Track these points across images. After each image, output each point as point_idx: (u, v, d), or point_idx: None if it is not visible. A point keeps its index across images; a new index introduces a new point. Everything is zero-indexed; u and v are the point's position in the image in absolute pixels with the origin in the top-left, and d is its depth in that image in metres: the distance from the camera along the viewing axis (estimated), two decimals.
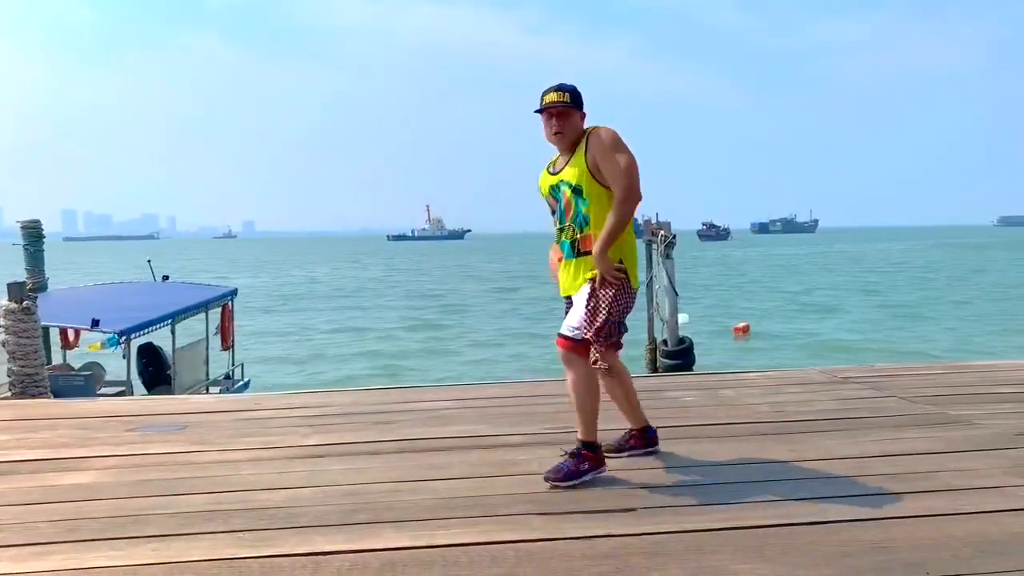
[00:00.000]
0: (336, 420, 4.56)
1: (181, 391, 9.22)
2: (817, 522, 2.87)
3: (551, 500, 3.15)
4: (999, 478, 3.34)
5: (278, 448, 3.97)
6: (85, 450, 4.00)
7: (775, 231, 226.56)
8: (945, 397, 4.88)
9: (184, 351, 9.62)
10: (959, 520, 2.88)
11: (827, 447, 3.84)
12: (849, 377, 5.57)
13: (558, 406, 4.80)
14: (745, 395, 5.08)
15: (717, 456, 3.71)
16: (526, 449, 3.89)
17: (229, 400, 5.26)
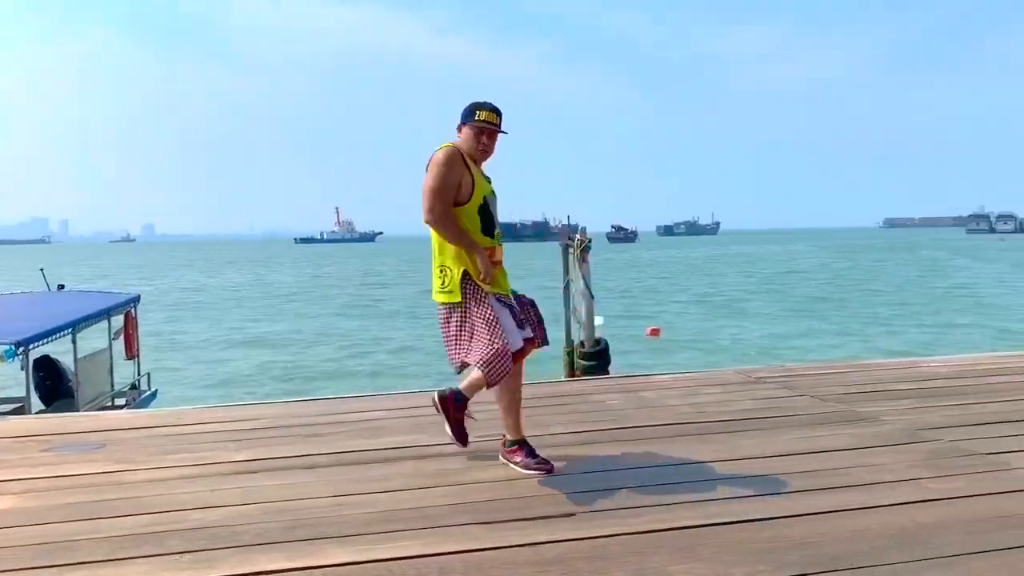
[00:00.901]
0: (265, 434, 4.47)
1: (85, 404, 8.83)
2: (745, 520, 3.02)
3: (491, 509, 3.20)
4: (908, 472, 3.59)
5: (208, 465, 3.87)
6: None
7: (679, 233, 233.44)
8: (852, 395, 5.18)
9: (87, 362, 9.21)
10: (874, 513, 3.08)
11: (747, 447, 4.03)
12: (762, 377, 5.83)
13: (488, 414, 4.86)
14: (666, 396, 5.26)
15: (647, 458, 3.84)
16: (461, 458, 3.93)
17: (148, 415, 5.07)
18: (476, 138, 3.63)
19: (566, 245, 15.30)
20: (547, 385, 5.83)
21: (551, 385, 5.85)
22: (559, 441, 4.20)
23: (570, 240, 15.23)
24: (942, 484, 3.42)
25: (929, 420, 4.49)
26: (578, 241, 15.18)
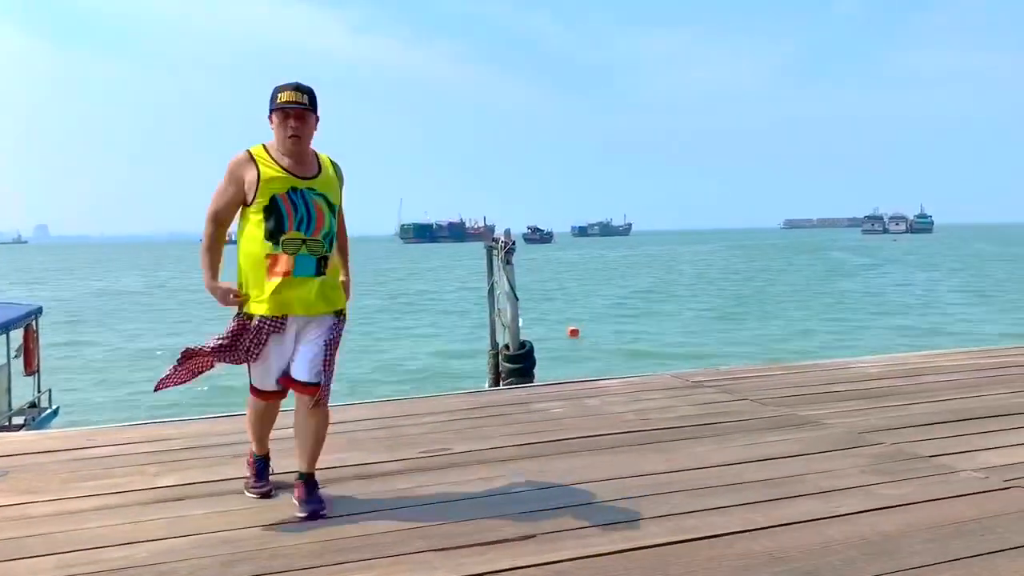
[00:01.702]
0: (187, 455, 4.13)
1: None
2: (713, 536, 2.92)
3: (445, 533, 2.99)
4: (859, 477, 3.58)
5: (126, 492, 3.53)
6: None
7: (593, 234, 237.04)
8: (790, 398, 5.20)
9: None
10: (837, 523, 3.04)
11: (699, 455, 3.96)
12: (700, 381, 5.81)
13: (426, 427, 4.67)
14: (609, 403, 5.17)
15: (600, 471, 3.72)
16: (406, 477, 3.71)
17: (55, 436, 4.63)
18: (284, 123, 3.14)
19: (490, 247, 15.22)
20: (484, 394, 5.67)
21: (487, 394, 5.71)
22: (504, 455, 4.03)
23: (494, 242, 15.16)
24: (893, 490, 3.41)
25: (870, 422, 4.53)
26: (502, 243, 15.13)
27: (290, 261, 3.10)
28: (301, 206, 3.12)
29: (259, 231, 3.11)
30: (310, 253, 3.13)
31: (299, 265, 3.11)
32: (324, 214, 3.16)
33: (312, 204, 3.14)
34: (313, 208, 3.14)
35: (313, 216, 3.13)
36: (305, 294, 3.13)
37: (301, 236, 3.10)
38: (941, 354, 7.00)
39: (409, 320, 28.59)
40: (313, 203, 3.14)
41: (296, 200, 3.11)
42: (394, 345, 23.02)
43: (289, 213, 3.10)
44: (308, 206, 3.13)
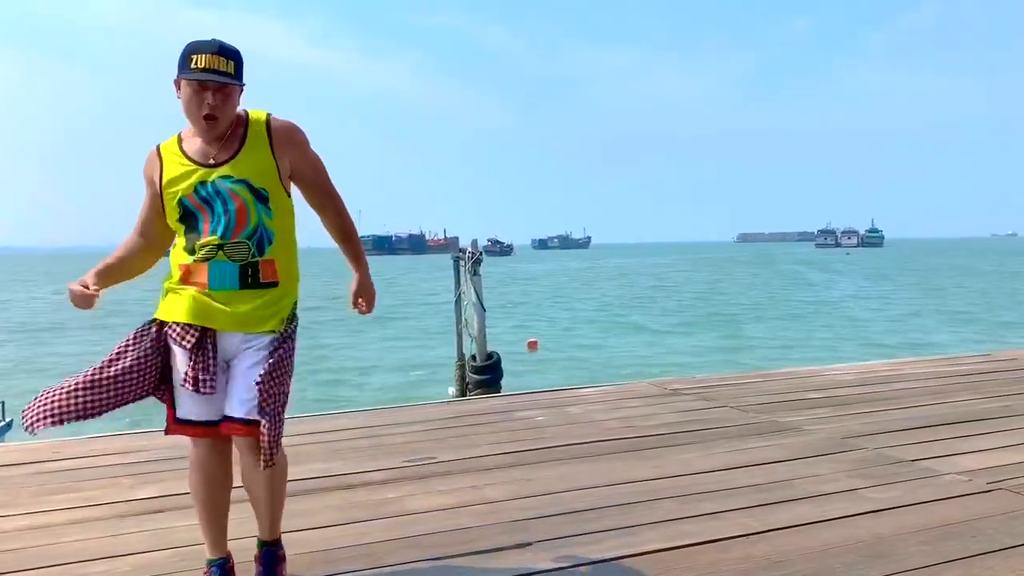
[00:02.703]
0: (161, 466, 3.99)
1: None
2: (709, 541, 2.91)
3: (438, 542, 2.93)
4: (846, 481, 3.60)
5: (102, 505, 3.39)
6: None
7: (553, 247, 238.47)
8: (768, 405, 5.23)
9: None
10: (831, 527, 3.04)
11: (687, 461, 3.95)
12: (678, 389, 5.82)
13: (409, 436, 4.59)
14: (591, 411, 5.14)
15: (591, 478, 3.68)
16: (393, 486, 3.63)
17: (19, 449, 4.44)
18: (197, 98, 2.33)
19: (457, 258, 15.17)
20: (465, 403, 5.61)
21: (468, 403, 5.64)
22: (492, 463, 3.97)
23: (461, 252, 15.11)
24: (881, 493, 3.43)
25: (849, 428, 4.57)
26: (468, 253, 15.08)
27: (204, 270, 2.37)
28: (217, 203, 2.37)
29: (179, 244, 2.45)
30: (230, 259, 2.36)
31: (214, 275, 2.37)
32: (246, 207, 2.37)
33: (229, 196, 2.36)
34: (231, 202, 2.36)
35: (231, 212, 2.36)
36: (228, 307, 2.38)
37: (216, 241, 2.36)
38: (907, 362, 7.13)
39: (372, 333, 28.33)
40: (230, 195, 2.36)
41: (208, 197, 2.37)
42: (351, 357, 22.77)
43: (204, 215, 2.38)
44: (225, 200, 2.36)
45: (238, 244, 2.37)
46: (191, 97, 2.34)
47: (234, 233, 2.37)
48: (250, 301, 2.39)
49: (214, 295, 2.37)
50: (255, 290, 2.40)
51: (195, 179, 2.38)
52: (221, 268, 2.37)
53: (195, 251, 2.38)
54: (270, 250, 2.41)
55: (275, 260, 2.43)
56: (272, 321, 2.43)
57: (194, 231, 2.39)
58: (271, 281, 2.42)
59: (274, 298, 2.43)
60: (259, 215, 2.39)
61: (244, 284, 2.39)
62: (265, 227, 2.40)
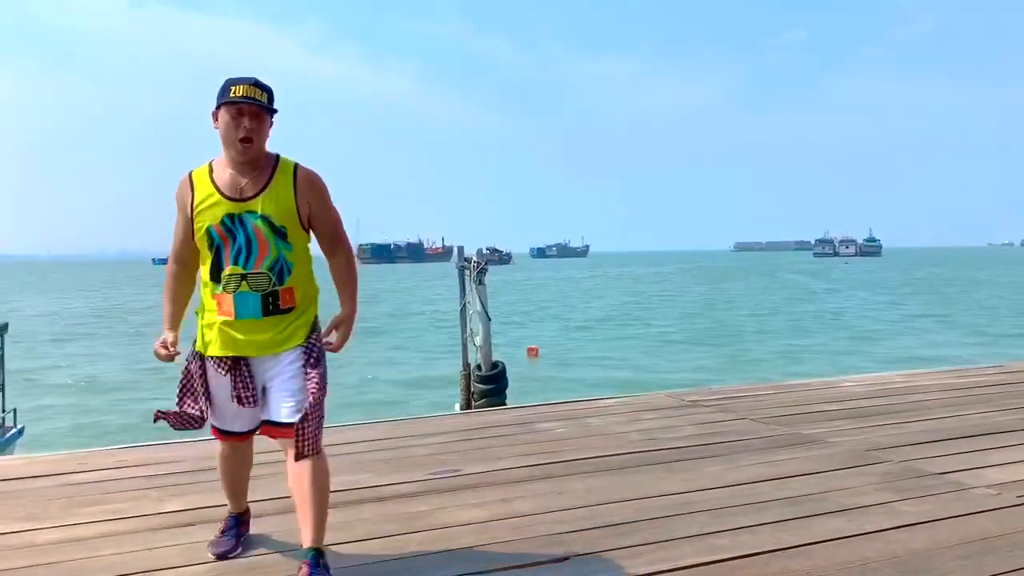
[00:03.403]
0: (189, 479, 3.98)
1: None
2: (746, 555, 2.91)
3: (478, 556, 2.93)
4: (877, 495, 3.60)
5: (133, 518, 3.38)
6: None
7: (551, 255, 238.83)
8: (788, 417, 5.23)
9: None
10: (868, 541, 3.04)
11: (714, 474, 3.95)
12: (696, 401, 5.82)
13: (431, 448, 4.59)
14: (611, 423, 5.14)
15: (620, 491, 3.68)
16: (423, 499, 3.62)
17: (44, 460, 4.42)
18: (235, 122, 2.60)
19: (462, 267, 15.17)
20: (483, 415, 5.61)
21: (486, 414, 5.63)
22: (519, 476, 3.97)
23: (466, 262, 15.12)
24: (914, 507, 3.43)
25: (872, 440, 4.57)
26: (474, 263, 15.09)
27: (231, 301, 2.64)
28: (240, 235, 2.62)
29: (205, 268, 2.72)
30: (253, 290, 2.63)
31: (240, 305, 2.64)
32: (267, 241, 2.63)
33: (252, 230, 2.62)
34: (254, 235, 2.62)
35: (254, 245, 2.62)
36: (252, 338, 2.67)
37: (240, 271, 2.62)
38: (921, 374, 7.13)
39: (374, 344, 28.31)
40: (253, 229, 2.62)
41: (234, 229, 2.63)
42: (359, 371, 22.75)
43: (226, 245, 2.63)
44: (248, 234, 2.62)
45: (259, 274, 2.65)
46: (229, 123, 2.62)
47: (256, 264, 2.64)
48: (271, 328, 2.67)
49: (240, 324, 2.66)
50: (276, 316, 2.68)
51: (223, 211, 2.64)
52: (245, 299, 2.65)
53: (221, 279, 2.66)
54: (289, 279, 2.69)
55: (294, 288, 2.71)
56: (295, 338, 2.71)
57: (219, 258, 2.66)
58: (289, 307, 2.71)
59: (291, 319, 2.71)
60: (278, 249, 2.66)
61: (266, 312, 2.67)
62: (285, 259, 2.68)
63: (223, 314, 2.66)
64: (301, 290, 2.73)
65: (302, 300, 2.73)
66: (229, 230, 2.63)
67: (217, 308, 2.68)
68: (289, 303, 2.69)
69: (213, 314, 2.69)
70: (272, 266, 2.65)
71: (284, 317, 2.69)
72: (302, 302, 2.74)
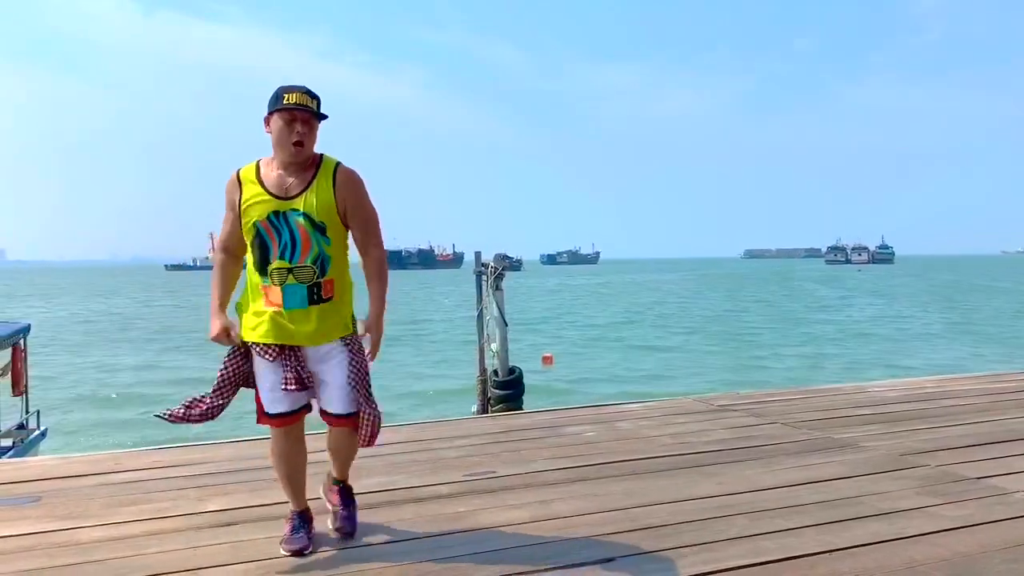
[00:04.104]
0: (226, 479, 4.00)
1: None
2: (793, 557, 2.90)
3: (522, 556, 2.93)
4: (915, 499, 3.58)
5: (174, 517, 3.40)
6: None
7: (562, 262, 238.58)
8: (820, 422, 5.21)
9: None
10: (911, 544, 3.02)
11: (750, 478, 3.94)
12: (725, 405, 5.81)
13: (462, 450, 4.60)
14: (641, 428, 5.13)
15: (657, 494, 3.67)
16: (460, 500, 3.63)
17: (81, 461, 4.46)
18: (289, 127, 2.79)
19: (479, 272, 15.19)
20: (512, 418, 5.61)
21: (514, 418, 5.64)
22: (552, 479, 3.97)
23: (483, 267, 15.15)
24: (954, 511, 3.41)
25: (907, 445, 4.55)
26: (491, 268, 15.12)
27: (279, 293, 2.84)
28: (285, 231, 2.82)
29: (251, 260, 2.91)
30: (299, 282, 2.83)
31: (288, 296, 2.83)
32: (310, 237, 2.82)
33: (296, 227, 2.81)
34: (297, 232, 2.81)
35: (298, 241, 2.81)
36: (300, 328, 2.86)
37: (287, 265, 2.82)
38: (952, 379, 7.09)
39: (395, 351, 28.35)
40: (296, 226, 2.81)
41: (279, 225, 2.82)
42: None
43: (272, 241, 2.82)
44: (292, 230, 2.81)
45: (304, 267, 2.84)
46: (282, 128, 2.81)
47: (300, 258, 2.84)
48: (316, 318, 2.87)
49: (288, 314, 2.85)
50: (319, 305, 2.88)
51: (269, 209, 2.83)
52: (292, 290, 2.85)
53: (268, 273, 2.85)
54: (329, 271, 2.88)
55: (334, 280, 2.90)
56: (337, 329, 2.93)
57: (266, 252, 2.85)
58: (330, 296, 2.90)
59: (334, 309, 2.91)
60: (319, 243, 2.85)
61: (311, 301, 2.86)
62: (324, 253, 2.86)
63: (271, 304, 2.86)
64: (339, 282, 2.92)
65: (340, 291, 2.93)
66: (275, 226, 2.83)
67: (264, 299, 2.87)
68: (329, 293, 2.89)
69: (260, 304, 2.89)
70: (315, 260, 2.84)
71: (326, 306, 2.89)
72: (339, 294, 2.93)
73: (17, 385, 9.50)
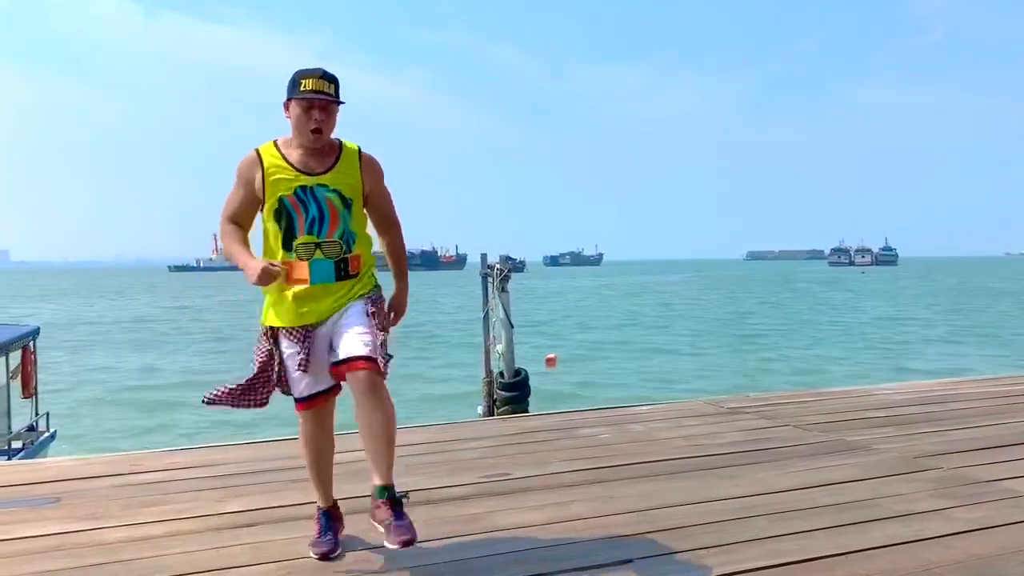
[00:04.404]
0: (243, 481, 4.04)
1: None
2: (809, 559, 2.92)
3: (540, 557, 2.95)
4: (930, 501, 3.60)
5: (195, 518, 3.44)
6: None
7: (565, 264, 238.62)
8: (831, 424, 5.23)
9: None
10: (928, 547, 3.04)
11: (764, 480, 3.96)
12: (735, 408, 5.83)
13: (477, 452, 4.63)
14: (653, 430, 5.16)
15: (673, 496, 3.69)
16: (476, 502, 3.66)
17: (99, 462, 4.49)
18: (307, 114, 2.79)
19: (485, 274, 15.24)
20: (525, 420, 5.65)
21: (528, 419, 5.68)
22: (568, 480, 4.00)
23: (490, 268, 15.19)
24: (969, 514, 3.43)
25: (919, 447, 4.57)
26: (497, 270, 15.16)
27: (305, 268, 2.82)
28: (312, 206, 2.82)
29: (273, 237, 2.87)
30: (326, 256, 2.83)
31: (315, 271, 2.82)
32: (338, 212, 2.84)
33: (324, 202, 2.82)
34: (325, 206, 2.82)
35: (326, 216, 2.83)
36: (327, 305, 2.85)
37: (314, 239, 2.82)
38: (960, 382, 7.10)
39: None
40: (325, 200, 2.82)
41: (306, 199, 2.81)
42: None
43: (299, 215, 2.81)
44: (320, 205, 2.82)
45: (332, 242, 2.86)
46: (300, 115, 2.81)
47: (328, 233, 2.85)
48: (341, 290, 2.87)
49: (313, 289, 2.83)
50: (346, 281, 2.89)
51: (296, 183, 2.82)
52: (320, 265, 2.84)
53: (293, 248, 2.83)
54: (355, 247, 2.91)
55: (360, 255, 2.93)
56: (359, 290, 2.91)
57: (291, 227, 2.84)
58: (356, 272, 2.92)
59: (356, 283, 2.92)
60: (346, 219, 2.88)
61: (339, 276, 2.87)
62: (350, 229, 2.90)
63: (295, 281, 2.83)
64: (363, 258, 2.95)
65: (364, 267, 2.96)
66: (301, 200, 2.82)
67: (288, 275, 2.82)
68: (355, 269, 2.91)
69: (281, 285, 2.83)
70: (342, 235, 2.87)
71: (351, 282, 2.90)
72: (364, 269, 2.96)
73: (27, 387, 9.55)
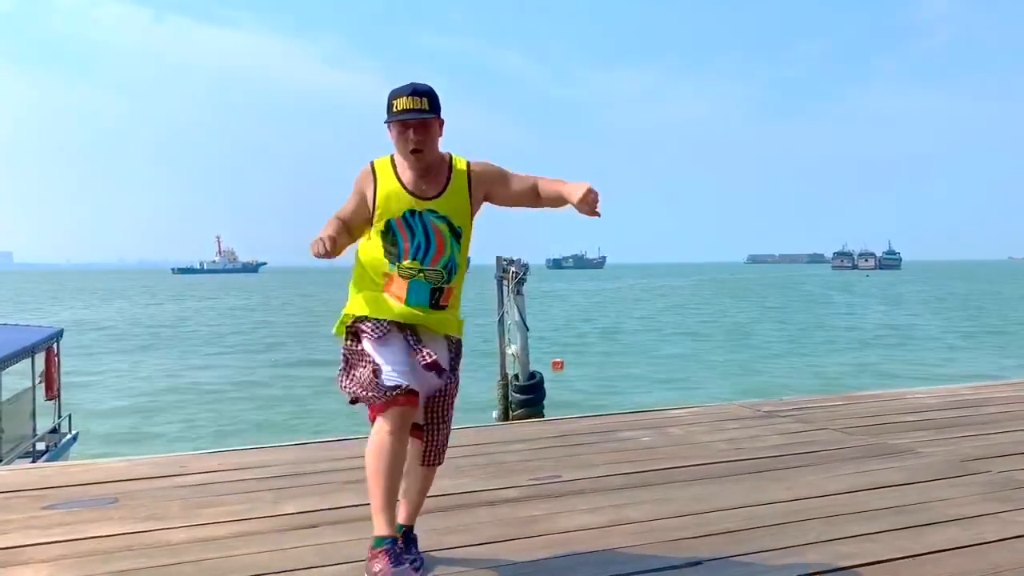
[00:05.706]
0: (293, 482, 4.05)
1: (7, 450, 7.93)
2: (875, 562, 2.92)
3: (607, 560, 2.96)
4: (984, 505, 3.60)
5: (255, 519, 3.45)
6: (3, 538, 3.25)
7: (568, 267, 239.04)
8: (870, 427, 5.24)
9: (9, 404, 8.27)
10: (994, 549, 3.05)
11: (814, 483, 3.97)
12: (773, 411, 5.84)
13: (521, 455, 4.64)
14: (693, 433, 5.16)
15: (726, 499, 3.71)
16: (532, 504, 3.67)
17: (146, 463, 4.51)
18: (403, 136, 2.71)
19: (500, 277, 15.26)
20: (561, 423, 5.65)
21: (565, 423, 5.67)
22: (618, 483, 4.01)
23: (504, 272, 15.21)
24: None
25: (963, 451, 4.57)
26: (512, 273, 15.18)
27: (405, 286, 2.74)
28: (419, 232, 2.73)
29: (375, 248, 2.78)
30: (426, 281, 2.75)
31: (412, 292, 2.74)
32: (445, 241, 2.76)
33: (432, 229, 2.74)
34: (433, 234, 2.74)
35: (432, 244, 2.74)
36: (418, 320, 2.77)
37: (418, 266, 2.74)
38: (989, 386, 7.11)
39: None
40: (433, 228, 2.74)
41: (414, 225, 2.73)
42: None
43: (405, 240, 2.74)
44: (427, 232, 2.74)
45: (436, 271, 2.77)
46: (397, 137, 2.75)
47: (433, 261, 2.77)
48: (428, 319, 2.78)
49: (406, 311, 2.75)
50: (437, 311, 2.81)
51: (406, 206, 2.75)
52: (419, 287, 2.77)
53: (397, 265, 2.75)
54: (453, 280, 2.83)
55: (453, 289, 2.84)
56: (451, 327, 2.85)
57: (396, 247, 2.76)
58: (445, 305, 2.83)
59: (450, 316, 2.85)
60: (452, 249, 2.80)
61: (431, 304, 2.79)
62: (455, 260, 2.81)
63: (393, 295, 2.75)
64: (456, 292, 2.86)
65: (454, 303, 2.87)
66: (409, 226, 2.75)
67: (386, 285, 2.76)
68: (446, 302, 2.82)
69: (381, 287, 2.77)
70: (445, 264, 2.78)
71: (443, 314, 2.82)
72: (454, 304, 2.87)
73: (50, 389, 9.58)
